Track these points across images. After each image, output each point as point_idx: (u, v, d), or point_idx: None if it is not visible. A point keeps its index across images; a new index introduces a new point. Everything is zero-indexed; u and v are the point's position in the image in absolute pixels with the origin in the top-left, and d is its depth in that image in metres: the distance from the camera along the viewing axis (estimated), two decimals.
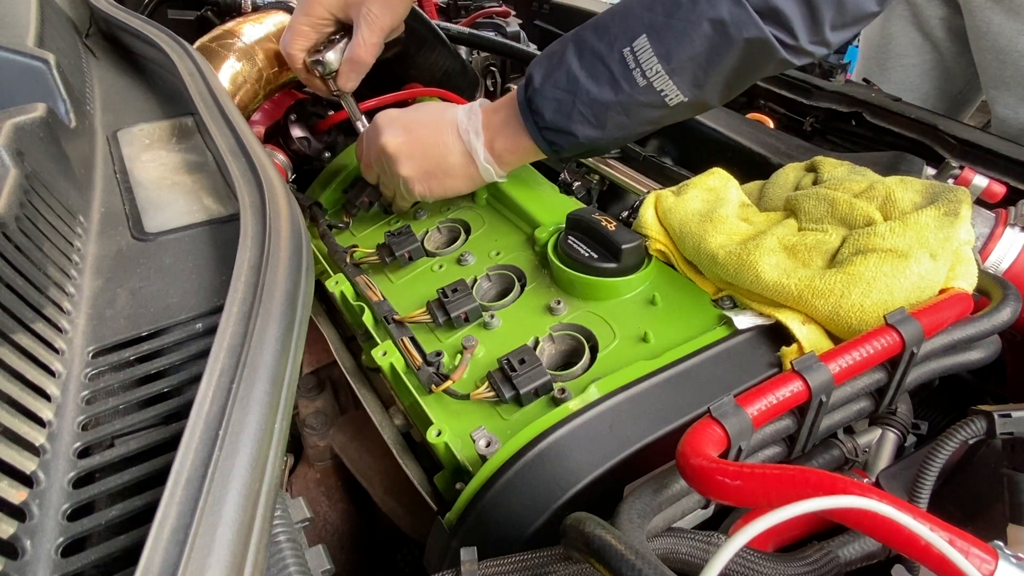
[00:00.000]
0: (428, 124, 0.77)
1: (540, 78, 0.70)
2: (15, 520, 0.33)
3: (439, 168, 0.78)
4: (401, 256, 0.77)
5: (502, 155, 0.77)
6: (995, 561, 0.37)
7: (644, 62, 0.65)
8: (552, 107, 0.70)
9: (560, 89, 0.69)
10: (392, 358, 0.66)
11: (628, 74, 0.66)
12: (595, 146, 0.73)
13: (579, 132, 0.70)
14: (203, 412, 0.36)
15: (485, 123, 0.76)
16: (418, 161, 0.78)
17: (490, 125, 0.76)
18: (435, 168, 0.78)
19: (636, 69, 0.65)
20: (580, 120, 0.69)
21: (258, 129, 1.12)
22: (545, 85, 0.70)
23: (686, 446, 0.45)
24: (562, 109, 0.69)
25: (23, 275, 0.43)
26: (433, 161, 0.78)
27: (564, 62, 0.69)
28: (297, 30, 0.85)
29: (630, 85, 0.66)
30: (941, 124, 0.91)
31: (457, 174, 0.79)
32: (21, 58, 0.63)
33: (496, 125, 0.75)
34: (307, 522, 0.42)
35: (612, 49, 0.66)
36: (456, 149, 0.77)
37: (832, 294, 0.58)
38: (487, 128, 0.76)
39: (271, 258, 0.47)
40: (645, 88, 0.66)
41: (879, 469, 0.63)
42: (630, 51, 0.65)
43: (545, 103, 0.70)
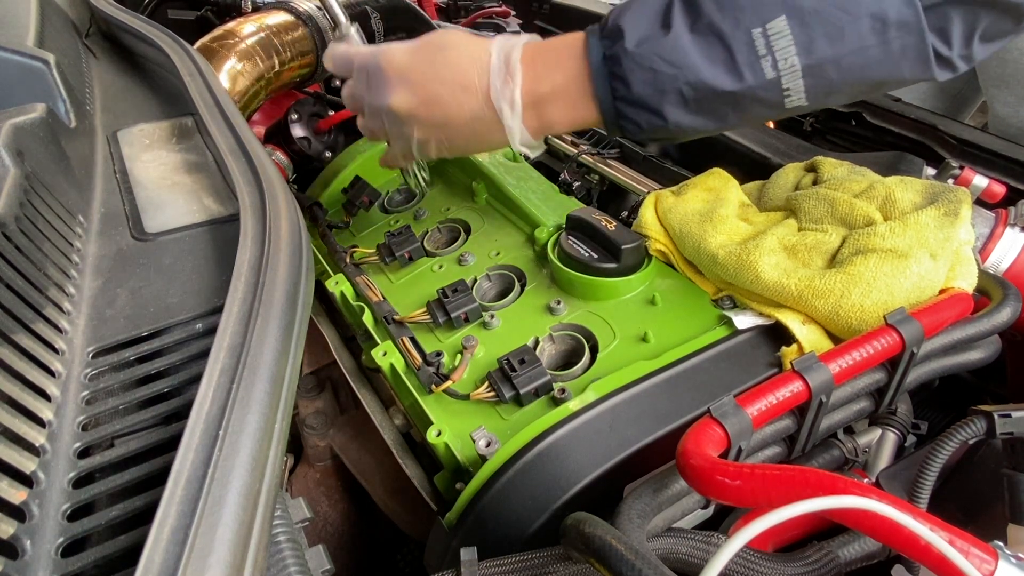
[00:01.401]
0: (448, 81, 0.61)
1: (635, 38, 0.55)
2: (15, 520, 0.33)
3: (459, 133, 0.65)
4: (401, 256, 0.77)
5: (550, 124, 0.63)
6: (995, 561, 0.37)
7: (778, 51, 0.52)
8: (644, 78, 0.56)
9: (662, 59, 0.55)
10: (392, 358, 0.66)
11: (755, 62, 0.53)
12: (677, 134, 0.60)
13: (670, 115, 0.57)
14: (203, 412, 0.36)
15: (530, 83, 0.60)
16: (434, 127, 0.64)
17: (537, 85, 0.60)
18: (455, 134, 0.65)
19: (767, 57, 0.53)
20: (676, 102, 0.56)
21: (258, 129, 1.12)
22: (642, 50, 0.55)
23: (686, 446, 0.45)
24: (657, 84, 0.56)
25: (23, 275, 0.43)
26: (453, 127, 0.64)
27: (671, 26, 0.55)
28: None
29: (754, 75, 0.54)
30: (941, 124, 0.91)
31: (483, 140, 0.65)
32: (21, 58, 0.63)
33: (547, 85, 0.60)
34: (307, 522, 0.42)
35: (738, 25, 0.53)
36: (484, 116, 0.62)
37: (832, 294, 0.58)
38: (532, 89, 0.60)
39: (271, 258, 0.47)
40: (771, 82, 0.54)
41: (879, 469, 0.63)
42: (762, 33, 0.52)
43: (636, 71, 0.56)
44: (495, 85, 0.60)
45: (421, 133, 0.65)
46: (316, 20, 1.04)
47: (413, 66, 0.63)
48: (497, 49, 0.61)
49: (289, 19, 1.03)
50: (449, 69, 0.62)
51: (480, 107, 0.61)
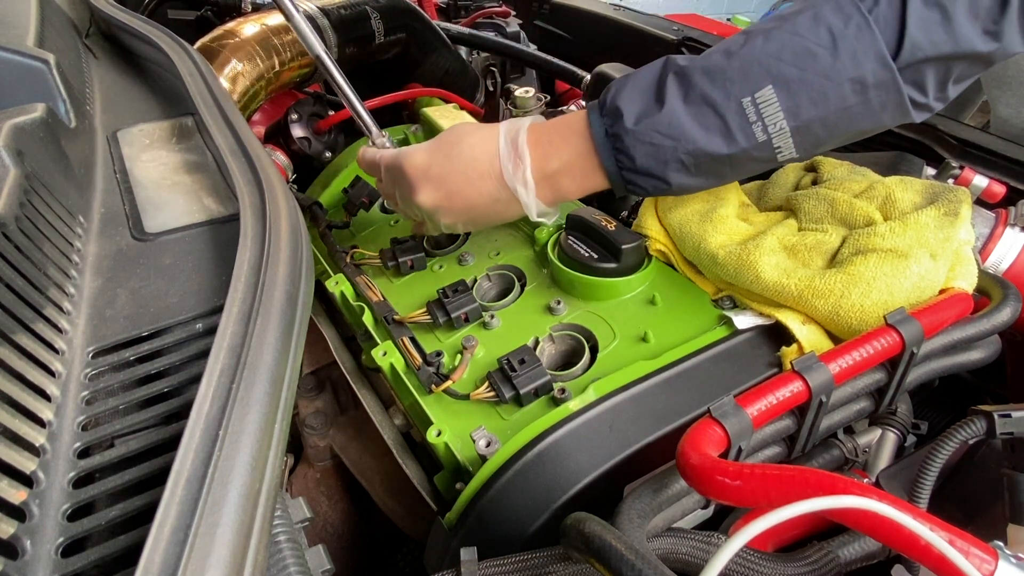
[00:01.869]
0: (465, 173, 0.67)
1: (633, 116, 0.60)
2: (15, 520, 0.33)
3: (483, 215, 0.70)
4: (403, 263, 0.77)
5: (564, 194, 0.67)
6: (995, 561, 0.37)
7: (767, 116, 0.57)
8: (646, 151, 0.60)
9: (660, 134, 0.59)
10: (392, 358, 0.66)
11: (747, 127, 0.58)
12: (681, 193, 0.66)
13: (673, 180, 0.61)
14: (203, 412, 0.36)
15: (539, 162, 0.65)
16: (459, 213, 0.69)
17: (546, 163, 0.65)
18: (479, 216, 0.70)
19: (757, 123, 0.57)
20: (678, 169, 0.61)
21: (258, 129, 1.12)
22: (641, 127, 0.60)
23: (686, 446, 0.45)
24: (659, 156, 0.60)
25: (23, 275, 0.43)
26: (477, 211, 0.69)
27: (665, 102, 0.59)
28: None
29: (747, 139, 0.58)
30: (941, 124, 0.91)
31: (504, 216, 0.70)
32: (21, 58, 0.63)
33: (556, 163, 0.65)
34: (307, 522, 0.42)
35: (728, 97, 0.57)
36: (502, 197, 0.67)
37: (832, 294, 0.58)
38: (542, 167, 0.65)
39: (271, 258, 0.47)
40: (763, 143, 0.58)
41: (879, 469, 0.63)
42: (751, 102, 0.57)
43: (637, 147, 0.60)
44: (507, 169, 0.66)
45: (448, 219, 0.70)
46: (316, 21, 1.04)
47: (432, 164, 0.68)
48: (503, 135, 0.67)
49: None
50: (463, 161, 0.67)
51: (497, 190, 0.67)
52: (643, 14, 1.36)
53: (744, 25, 3.58)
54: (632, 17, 1.34)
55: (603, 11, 1.38)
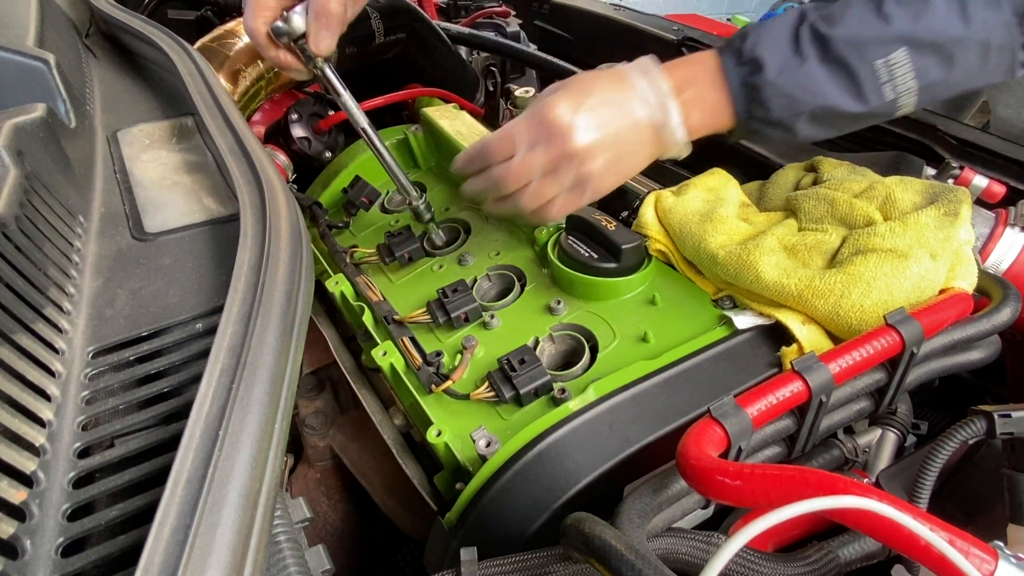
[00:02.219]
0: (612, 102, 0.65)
1: (775, 67, 0.63)
2: (15, 520, 0.33)
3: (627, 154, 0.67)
4: (401, 256, 0.77)
5: (693, 134, 0.68)
6: (995, 561, 0.37)
7: (898, 77, 0.61)
8: (783, 104, 0.63)
9: (800, 88, 0.63)
10: (392, 358, 0.66)
11: (877, 88, 0.62)
12: (801, 142, 0.69)
13: (800, 131, 0.65)
14: (203, 412, 0.36)
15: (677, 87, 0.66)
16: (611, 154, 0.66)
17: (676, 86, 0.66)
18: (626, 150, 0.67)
19: (888, 83, 0.61)
20: (807, 121, 0.64)
21: (258, 129, 1.12)
22: (782, 80, 0.62)
23: (686, 446, 0.45)
24: (793, 108, 0.64)
25: (23, 275, 0.43)
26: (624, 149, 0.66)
27: (804, 58, 0.62)
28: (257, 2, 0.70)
29: (878, 98, 0.62)
30: (941, 124, 0.90)
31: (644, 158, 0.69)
32: (21, 58, 0.63)
33: (685, 87, 0.66)
34: (307, 522, 0.42)
35: (863, 58, 0.61)
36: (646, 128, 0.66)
37: (832, 294, 0.58)
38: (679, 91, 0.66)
39: (271, 258, 0.47)
40: (890, 102, 0.62)
41: (879, 469, 0.63)
42: (884, 63, 0.60)
43: (776, 99, 0.63)
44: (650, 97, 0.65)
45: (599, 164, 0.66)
46: None
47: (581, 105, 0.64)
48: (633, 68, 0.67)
49: None
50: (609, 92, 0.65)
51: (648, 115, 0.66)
52: (643, 14, 1.36)
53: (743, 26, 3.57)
54: (632, 17, 1.34)
55: (603, 11, 1.38)
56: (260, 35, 0.71)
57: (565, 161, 0.65)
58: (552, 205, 0.69)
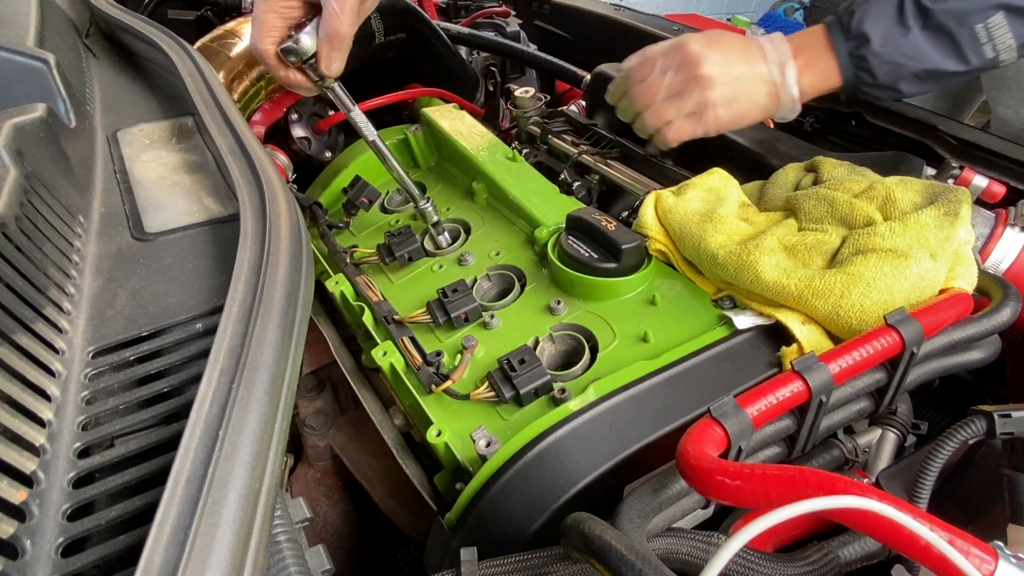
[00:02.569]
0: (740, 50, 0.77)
1: (879, 39, 0.72)
2: (15, 520, 0.33)
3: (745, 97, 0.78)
4: (401, 256, 0.77)
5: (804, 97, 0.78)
6: (995, 561, 0.37)
7: (998, 38, 0.69)
8: (888, 70, 0.73)
9: (905, 55, 0.72)
10: (392, 358, 0.66)
11: (978, 48, 0.70)
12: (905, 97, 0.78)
13: (905, 90, 0.75)
14: (203, 412, 0.36)
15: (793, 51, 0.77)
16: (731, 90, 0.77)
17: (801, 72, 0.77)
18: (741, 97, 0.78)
19: (988, 44, 0.70)
20: (911, 81, 0.74)
21: (258, 129, 1.12)
22: (887, 49, 0.72)
23: (686, 446, 0.45)
24: (898, 72, 0.73)
25: (23, 275, 0.43)
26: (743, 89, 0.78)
27: (906, 27, 0.71)
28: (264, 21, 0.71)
29: (979, 58, 0.71)
30: (941, 124, 0.90)
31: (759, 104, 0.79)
32: (21, 58, 0.63)
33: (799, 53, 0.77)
34: (307, 522, 0.42)
35: (963, 24, 0.69)
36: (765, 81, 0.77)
37: (832, 294, 0.58)
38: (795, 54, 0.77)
39: (271, 258, 0.47)
40: (991, 60, 0.71)
41: (879, 469, 0.63)
42: (983, 27, 0.69)
43: (881, 66, 0.73)
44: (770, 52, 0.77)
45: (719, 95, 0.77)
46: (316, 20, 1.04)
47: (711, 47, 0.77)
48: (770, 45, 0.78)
49: None
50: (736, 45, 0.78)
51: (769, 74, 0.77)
52: (643, 14, 1.36)
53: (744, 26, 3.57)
54: (632, 17, 1.34)
55: (603, 11, 1.38)
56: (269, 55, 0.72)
57: (690, 85, 0.77)
58: (670, 127, 0.80)
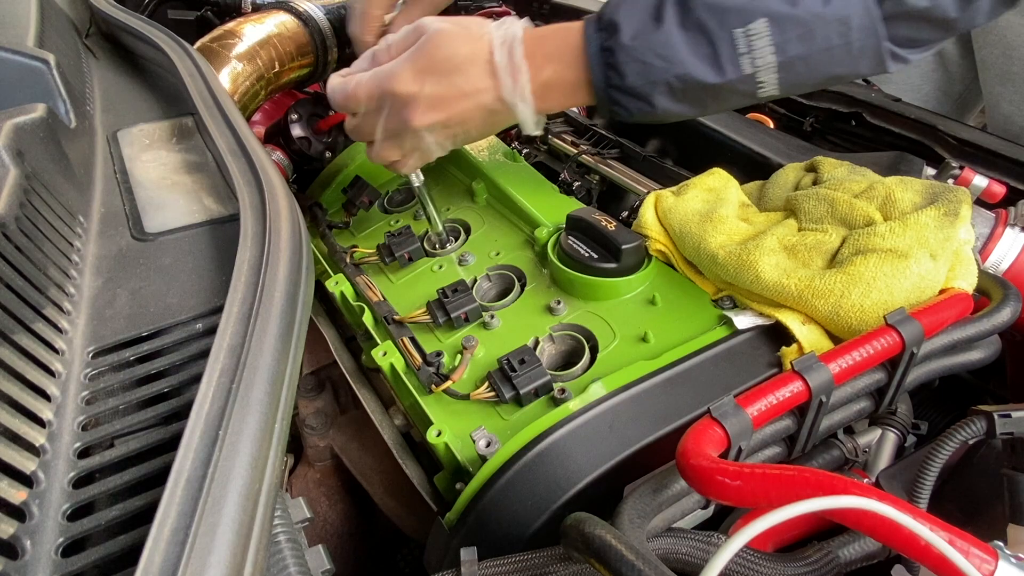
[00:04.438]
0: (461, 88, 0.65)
1: (631, 32, 0.61)
2: (15, 520, 0.33)
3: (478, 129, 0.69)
4: (401, 257, 0.77)
5: (551, 106, 0.67)
6: (995, 561, 0.37)
7: (757, 49, 0.59)
8: (637, 70, 0.61)
9: (654, 54, 0.60)
10: (392, 358, 0.66)
11: (735, 58, 0.60)
12: (663, 119, 0.66)
13: (659, 104, 0.63)
14: (203, 412, 0.36)
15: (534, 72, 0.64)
16: (456, 131, 0.68)
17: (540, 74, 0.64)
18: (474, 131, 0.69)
19: (746, 55, 0.59)
20: (665, 92, 0.62)
21: (258, 129, 1.12)
22: (636, 43, 0.60)
23: (686, 446, 0.45)
24: (648, 75, 0.61)
25: (23, 275, 0.43)
26: (472, 124, 0.68)
27: (663, 23, 0.60)
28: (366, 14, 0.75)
29: (735, 70, 0.60)
30: (941, 124, 0.90)
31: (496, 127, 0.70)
32: (21, 58, 0.63)
33: (548, 74, 0.64)
34: (307, 522, 0.42)
35: (722, 26, 0.59)
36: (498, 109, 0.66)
37: (832, 294, 0.58)
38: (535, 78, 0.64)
39: (271, 258, 0.47)
40: (748, 77, 0.60)
41: (879, 469, 0.63)
42: (743, 33, 0.59)
43: (630, 64, 0.61)
44: (506, 84, 0.65)
45: (441, 136, 0.69)
46: (316, 20, 1.04)
47: (425, 83, 0.65)
48: (499, 47, 0.64)
49: (289, 19, 1.03)
50: (458, 76, 0.65)
51: (494, 102, 0.66)
52: None
53: None
54: None
55: None
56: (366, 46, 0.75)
57: (404, 132, 0.68)
58: (399, 165, 0.73)
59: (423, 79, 0.65)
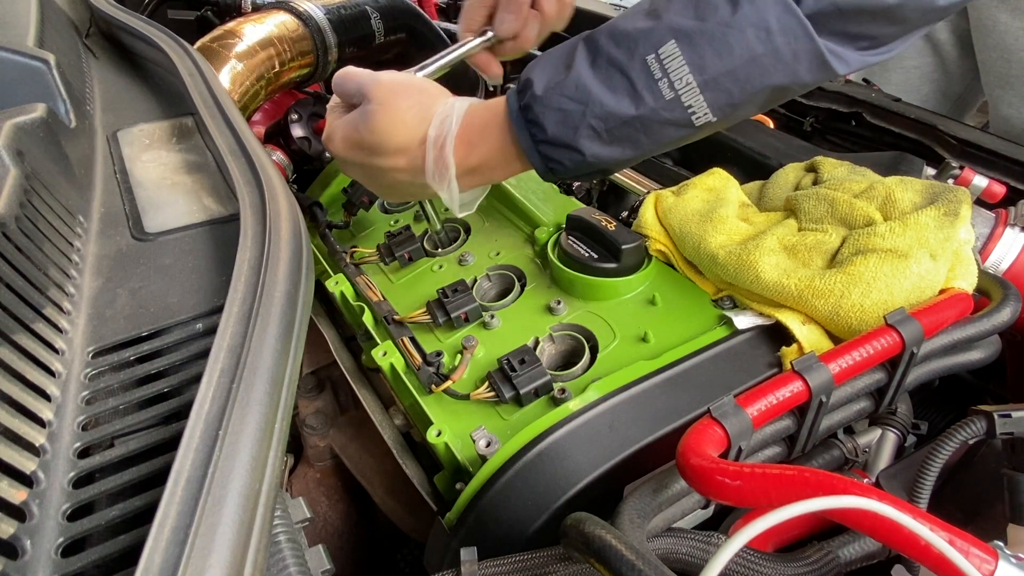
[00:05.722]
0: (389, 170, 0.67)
1: (542, 85, 0.60)
2: (15, 520, 0.33)
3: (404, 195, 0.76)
4: (401, 256, 0.77)
5: (489, 180, 0.68)
6: (995, 561, 0.37)
7: (672, 71, 0.56)
8: (556, 119, 0.60)
9: (567, 98, 0.59)
10: (392, 358, 0.66)
11: (652, 85, 0.57)
12: (600, 165, 0.63)
13: (586, 149, 0.61)
14: (203, 412, 0.36)
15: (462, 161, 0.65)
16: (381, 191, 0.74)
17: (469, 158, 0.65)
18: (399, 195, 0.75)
19: (663, 79, 0.57)
20: (589, 135, 0.60)
21: (258, 129, 1.12)
22: (549, 93, 0.60)
23: (686, 446, 0.45)
24: (568, 122, 0.60)
25: (23, 275, 0.43)
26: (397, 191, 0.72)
27: (573, 68, 0.59)
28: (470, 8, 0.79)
29: (654, 98, 0.57)
30: (941, 124, 0.91)
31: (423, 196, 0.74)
32: (21, 58, 0.63)
33: (477, 157, 0.65)
34: (307, 522, 0.42)
35: (632, 56, 0.57)
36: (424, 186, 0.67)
37: (832, 294, 0.58)
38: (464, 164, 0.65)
39: (271, 258, 0.47)
40: (672, 102, 0.57)
41: (879, 469, 0.63)
42: (655, 58, 0.56)
43: (547, 114, 0.60)
44: (432, 176, 0.66)
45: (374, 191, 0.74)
46: (316, 20, 1.04)
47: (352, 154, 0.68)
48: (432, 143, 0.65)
49: (289, 19, 1.03)
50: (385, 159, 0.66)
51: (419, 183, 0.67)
52: None
53: None
54: None
55: (603, 11, 1.38)
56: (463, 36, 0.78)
57: None
58: None
59: (350, 151, 0.68)
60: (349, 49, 1.09)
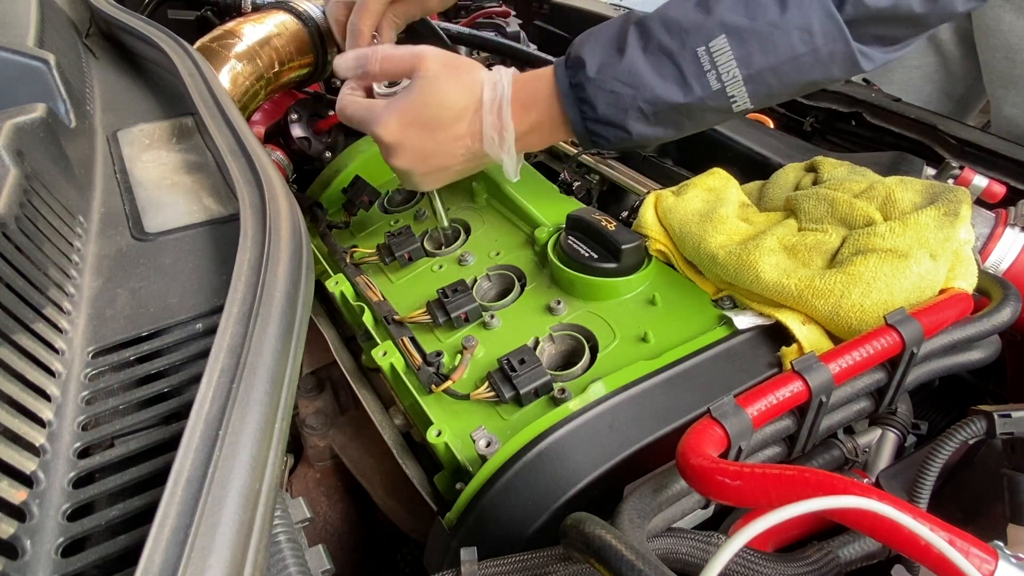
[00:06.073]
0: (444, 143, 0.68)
1: (595, 66, 0.64)
2: (15, 520, 0.33)
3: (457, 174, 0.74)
4: (401, 256, 0.77)
5: (533, 147, 0.72)
6: (995, 561, 0.37)
7: (721, 64, 0.61)
8: (607, 100, 0.64)
9: (620, 82, 0.63)
10: (392, 358, 0.66)
11: (701, 75, 0.61)
12: (642, 143, 0.68)
13: (633, 129, 0.65)
14: (203, 412, 0.36)
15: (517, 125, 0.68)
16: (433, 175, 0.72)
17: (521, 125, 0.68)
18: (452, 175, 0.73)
19: (711, 71, 0.61)
20: (637, 117, 0.64)
21: (258, 129, 1.12)
22: (602, 75, 0.63)
23: (686, 446, 0.45)
24: (619, 104, 0.64)
25: (23, 275, 0.43)
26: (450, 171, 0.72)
27: (626, 52, 0.63)
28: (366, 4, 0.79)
29: (702, 87, 0.62)
30: (941, 124, 0.91)
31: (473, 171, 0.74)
32: (21, 58, 0.63)
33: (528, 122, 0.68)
34: (307, 522, 0.42)
35: (684, 46, 0.61)
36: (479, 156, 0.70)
37: (832, 294, 0.58)
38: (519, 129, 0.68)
39: (271, 258, 0.47)
40: (717, 92, 0.62)
41: (879, 469, 0.63)
42: (705, 51, 0.61)
43: (599, 95, 0.64)
44: (492, 141, 0.68)
45: (420, 177, 0.72)
46: (316, 20, 1.04)
47: (407, 135, 0.68)
48: (488, 105, 0.67)
49: (289, 19, 1.03)
50: (443, 131, 0.68)
51: (476, 153, 0.69)
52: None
53: None
54: None
55: (603, 11, 1.38)
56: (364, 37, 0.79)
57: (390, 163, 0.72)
58: None
59: (407, 131, 0.68)
60: None
